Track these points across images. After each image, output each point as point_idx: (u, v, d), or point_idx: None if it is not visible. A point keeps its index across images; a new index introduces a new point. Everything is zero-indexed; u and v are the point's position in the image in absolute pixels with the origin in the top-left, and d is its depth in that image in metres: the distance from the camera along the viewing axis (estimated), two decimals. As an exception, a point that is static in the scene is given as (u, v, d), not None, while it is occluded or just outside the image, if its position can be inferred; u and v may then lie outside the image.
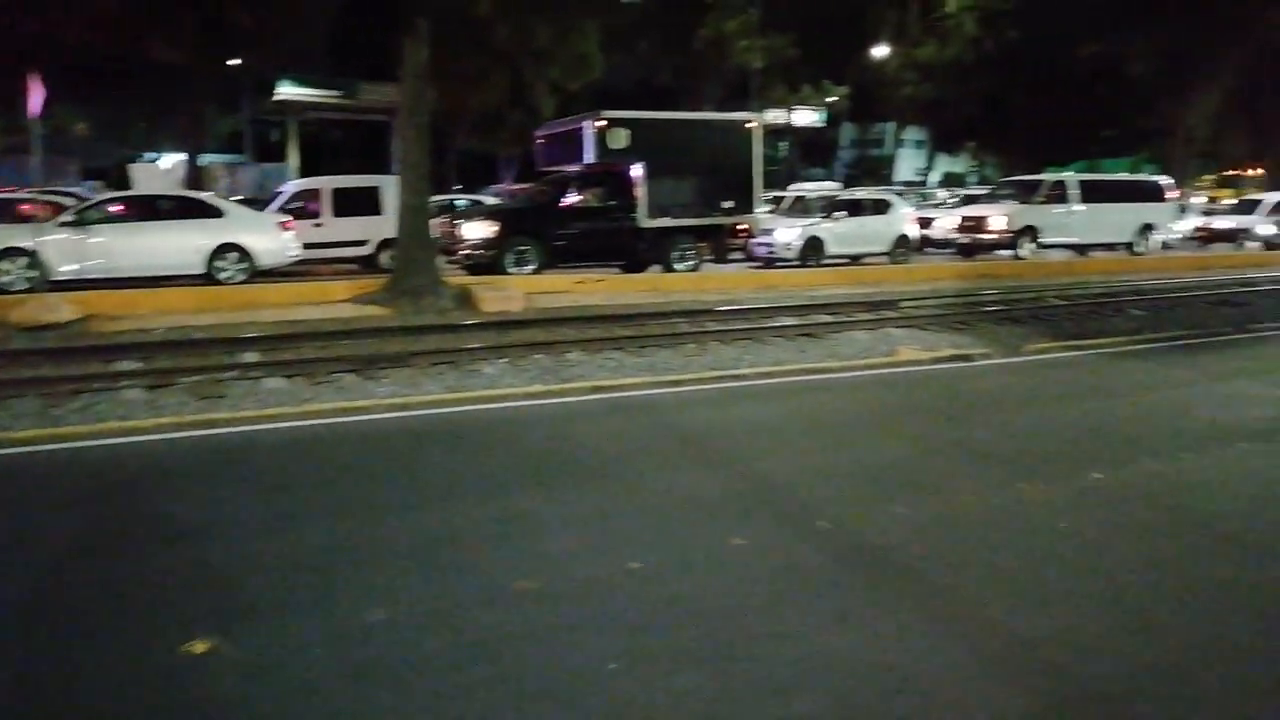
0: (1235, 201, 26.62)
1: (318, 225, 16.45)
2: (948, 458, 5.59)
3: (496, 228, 15.53)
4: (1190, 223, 25.88)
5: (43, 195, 15.48)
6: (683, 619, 3.43)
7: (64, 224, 13.18)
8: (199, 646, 3.19)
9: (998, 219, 20.38)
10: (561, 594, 3.64)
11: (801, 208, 20.38)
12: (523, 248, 15.33)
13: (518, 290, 12.82)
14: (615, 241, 16.14)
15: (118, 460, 5.46)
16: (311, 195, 17.09)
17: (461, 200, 22.75)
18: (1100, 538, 4.26)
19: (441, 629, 3.35)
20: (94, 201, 14.40)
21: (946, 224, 21.66)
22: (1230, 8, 27.85)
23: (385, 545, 4.15)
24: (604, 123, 16.74)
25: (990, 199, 22.82)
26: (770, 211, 19.91)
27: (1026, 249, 20.35)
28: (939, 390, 7.74)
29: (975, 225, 20.71)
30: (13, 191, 17.10)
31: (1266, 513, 4.64)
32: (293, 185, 18.34)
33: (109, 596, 3.63)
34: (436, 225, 14.87)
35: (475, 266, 15.29)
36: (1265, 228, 24.51)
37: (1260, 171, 35.71)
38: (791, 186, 30.01)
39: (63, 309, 10.73)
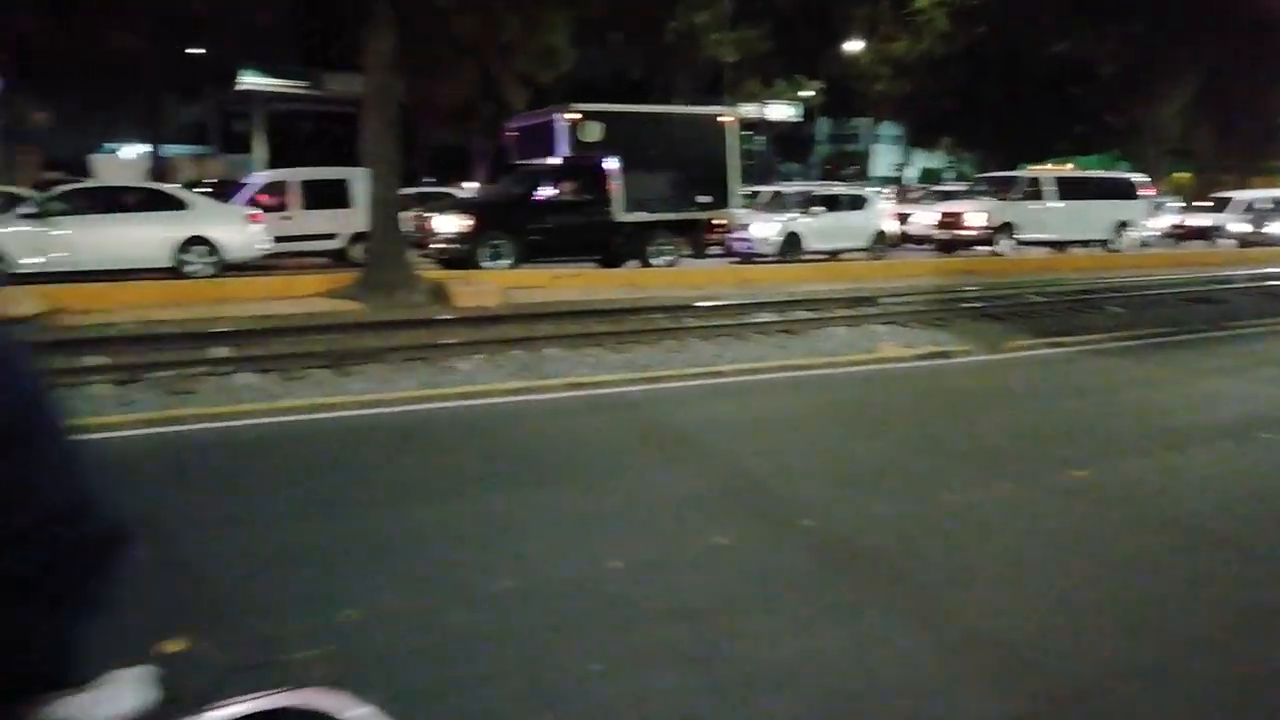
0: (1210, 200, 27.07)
1: (286, 218, 16.20)
2: (929, 455, 5.58)
3: (470, 221, 15.39)
4: (1165, 220, 26.28)
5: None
6: (665, 619, 3.38)
7: (25, 216, 12.86)
8: (173, 646, 3.09)
9: (976, 215, 20.56)
10: (541, 594, 3.58)
11: (779, 203, 20.44)
12: (497, 242, 15.20)
13: (493, 285, 12.71)
14: (591, 236, 16.06)
15: (84, 459, 5.31)
16: (279, 187, 16.83)
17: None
18: (1082, 536, 4.27)
19: (418, 629, 3.28)
20: (56, 193, 14.06)
21: (924, 219, 21.81)
22: (1196, 5, 28.24)
23: (359, 543, 4.06)
24: (576, 116, 16.67)
25: (967, 195, 23.03)
26: (747, 206, 19.94)
27: (1005, 245, 20.55)
28: (920, 387, 7.76)
29: (954, 221, 20.87)
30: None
31: (1245, 510, 4.68)
32: (260, 177, 18.07)
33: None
34: (409, 218, 14.71)
35: (449, 261, 15.14)
36: (1238, 225, 24.94)
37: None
38: (787, 183, 29.96)
39: (25, 303, 10.46)
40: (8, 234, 12.44)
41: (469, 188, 26.39)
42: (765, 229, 18.53)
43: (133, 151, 35.52)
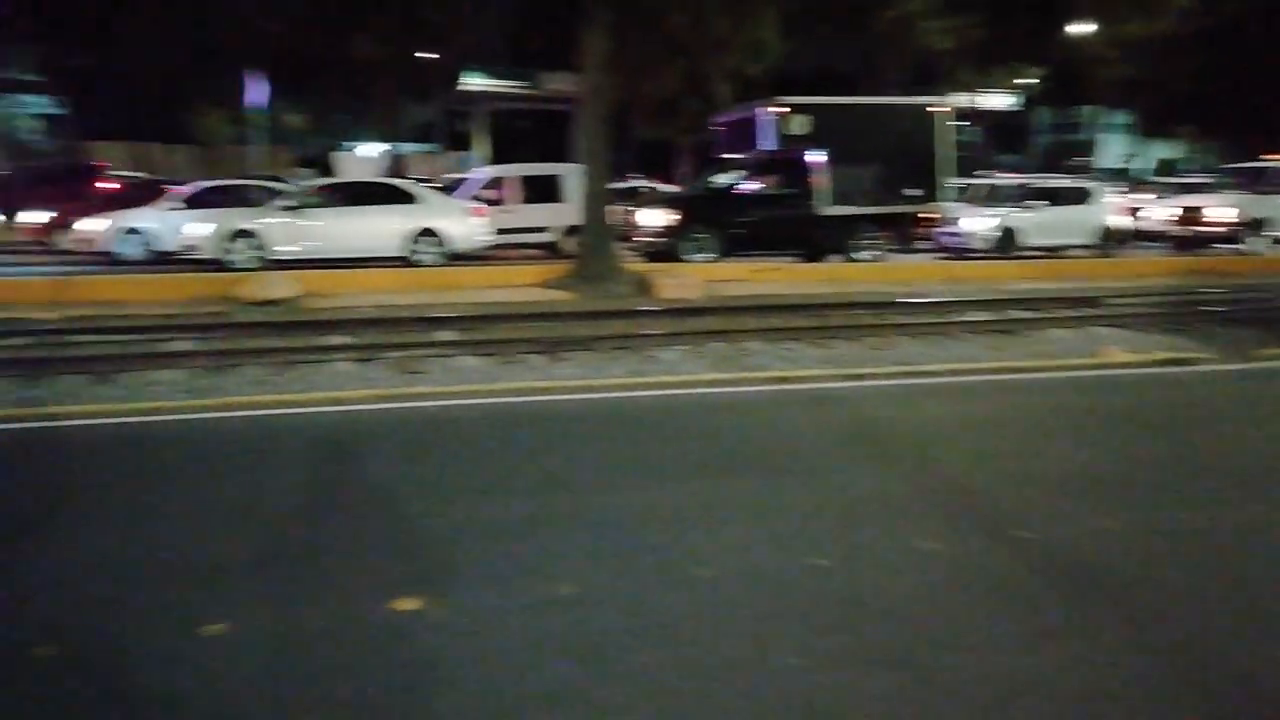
0: None
1: (505, 212, 17.15)
2: (1163, 471, 5.17)
3: (675, 215, 15.66)
4: None
5: (262, 182, 16.93)
6: (866, 620, 3.34)
7: (284, 208, 14.36)
8: (406, 604, 3.40)
9: (1222, 210, 18.63)
10: (744, 584, 3.63)
11: (994, 196, 19.40)
12: (700, 235, 15.39)
13: (696, 278, 12.90)
14: (794, 230, 15.94)
15: (331, 427, 5.89)
16: (499, 183, 17.83)
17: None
18: (1349, 567, 3.82)
19: (624, 608, 3.42)
20: (310, 188, 15.60)
21: (1159, 214, 20.02)
22: None
23: (572, 521, 4.28)
24: (782, 109, 16.56)
25: (1210, 188, 20.91)
26: (959, 200, 19.07)
27: (1256, 243, 18.50)
28: (1153, 396, 7.17)
29: (1195, 216, 19.01)
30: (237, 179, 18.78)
31: None
32: (482, 173, 19.19)
33: (325, 552, 3.92)
34: (616, 212, 15.18)
35: (654, 253, 15.49)
36: None
37: None
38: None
39: (283, 286, 11.70)
40: (269, 224, 13.95)
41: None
42: (978, 223, 17.66)
43: (370, 149, 38.73)
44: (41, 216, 19.58)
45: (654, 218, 15.92)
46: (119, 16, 29.71)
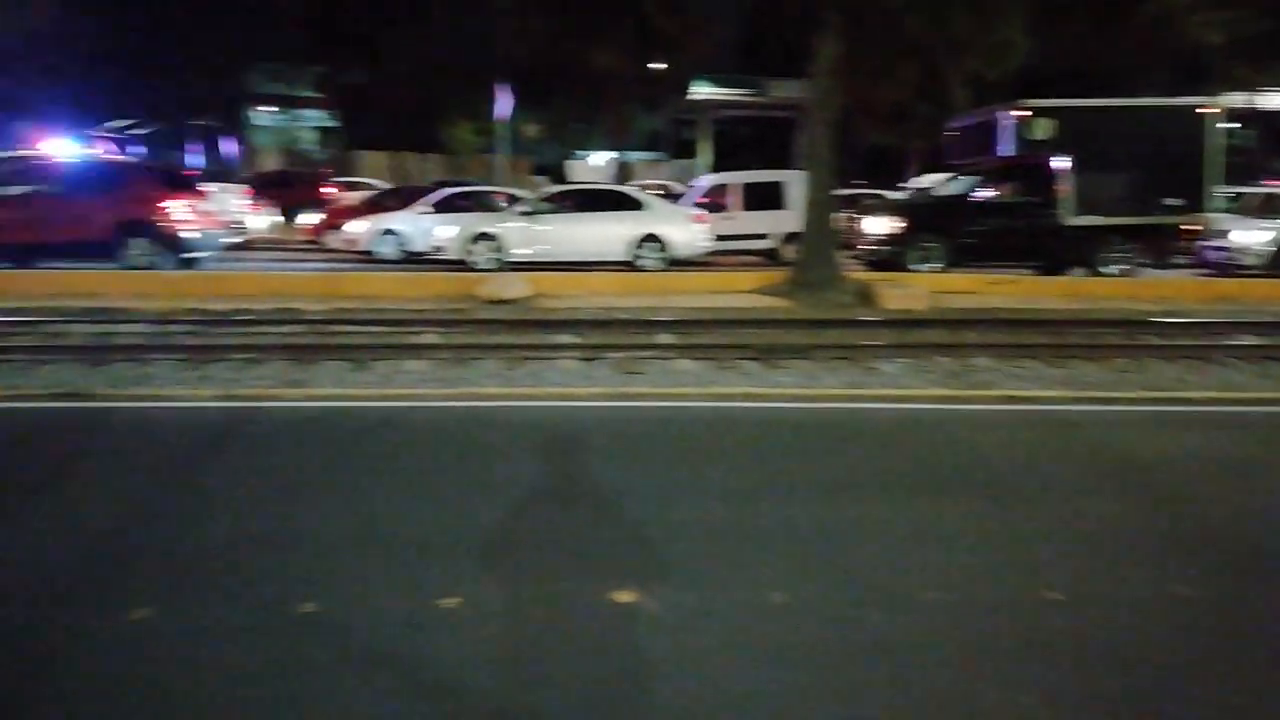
0: None
1: (727, 218, 17.30)
2: None
3: (901, 223, 15.17)
4: None
5: (502, 190, 18.06)
6: (1115, 665, 3.09)
7: (521, 214, 15.26)
8: (624, 596, 3.52)
9: None
10: (968, 611, 3.47)
11: (1271, 206, 17.29)
12: (928, 244, 14.80)
13: (921, 288, 12.42)
14: (1032, 240, 14.97)
15: (558, 421, 6.19)
16: (722, 190, 18.01)
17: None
18: None
19: (837, 622, 3.37)
20: (543, 194, 16.49)
21: None
22: None
23: (786, 531, 4.25)
24: (1024, 112, 15.62)
25: None
26: (1230, 210, 17.14)
27: None
28: None
29: None
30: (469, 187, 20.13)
31: None
32: (706, 180, 19.46)
33: (550, 538, 4.13)
34: (840, 220, 14.92)
35: (877, 262, 15.08)
36: None
37: None
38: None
39: (518, 286, 12.43)
40: (507, 228, 14.87)
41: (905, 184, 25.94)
42: (1251, 237, 15.80)
43: (599, 158, 40.29)
44: (313, 218, 21.96)
45: (879, 225, 15.49)
46: (386, 40, 32.75)
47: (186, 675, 2.92)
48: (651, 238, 15.24)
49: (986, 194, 15.08)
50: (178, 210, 13.81)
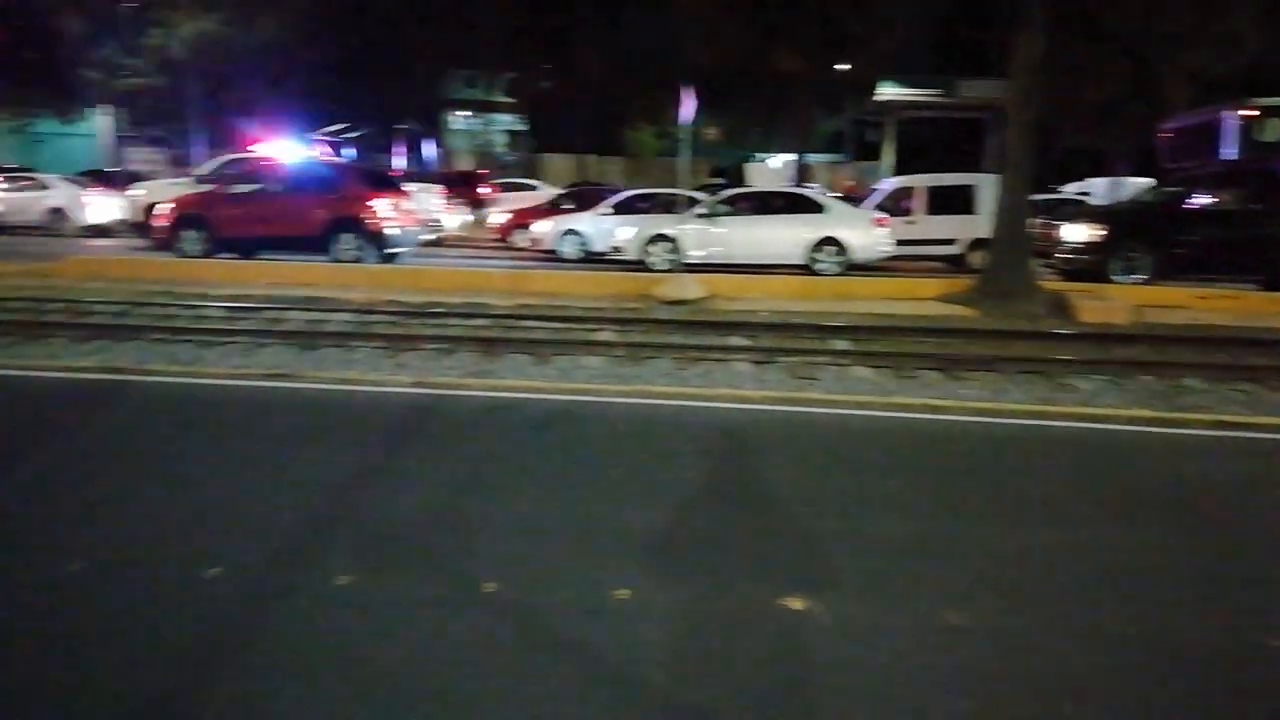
0: None
1: (910, 223, 16.75)
2: None
3: (1103, 231, 14.18)
4: None
5: (682, 193, 18.23)
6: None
7: (698, 216, 15.38)
8: (795, 603, 3.49)
9: None
10: (1173, 651, 3.21)
11: None
12: (1133, 254, 13.76)
13: (1123, 301, 11.57)
14: (1256, 252, 13.62)
15: (730, 423, 6.20)
16: (906, 193, 17.45)
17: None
18: None
19: (1019, 650, 3.20)
20: (721, 196, 16.55)
21: None
22: None
23: (965, 550, 4.08)
24: (1252, 112, 14.24)
25: None
26: None
27: None
28: None
29: None
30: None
31: None
32: (889, 183, 18.91)
33: (721, 539, 4.15)
34: (1034, 226, 14.12)
35: (1074, 272, 14.18)
36: None
37: None
38: None
39: (693, 288, 12.55)
40: (684, 230, 15.02)
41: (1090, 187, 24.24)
42: None
43: (778, 160, 39.97)
44: (502, 217, 23.01)
45: (1078, 232, 14.54)
46: (574, 46, 33.84)
47: (387, 641, 3.14)
48: (830, 241, 14.97)
49: (1204, 200, 13.85)
50: (382, 208, 14.83)
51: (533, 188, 29.51)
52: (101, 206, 22.10)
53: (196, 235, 15.02)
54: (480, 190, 22.13)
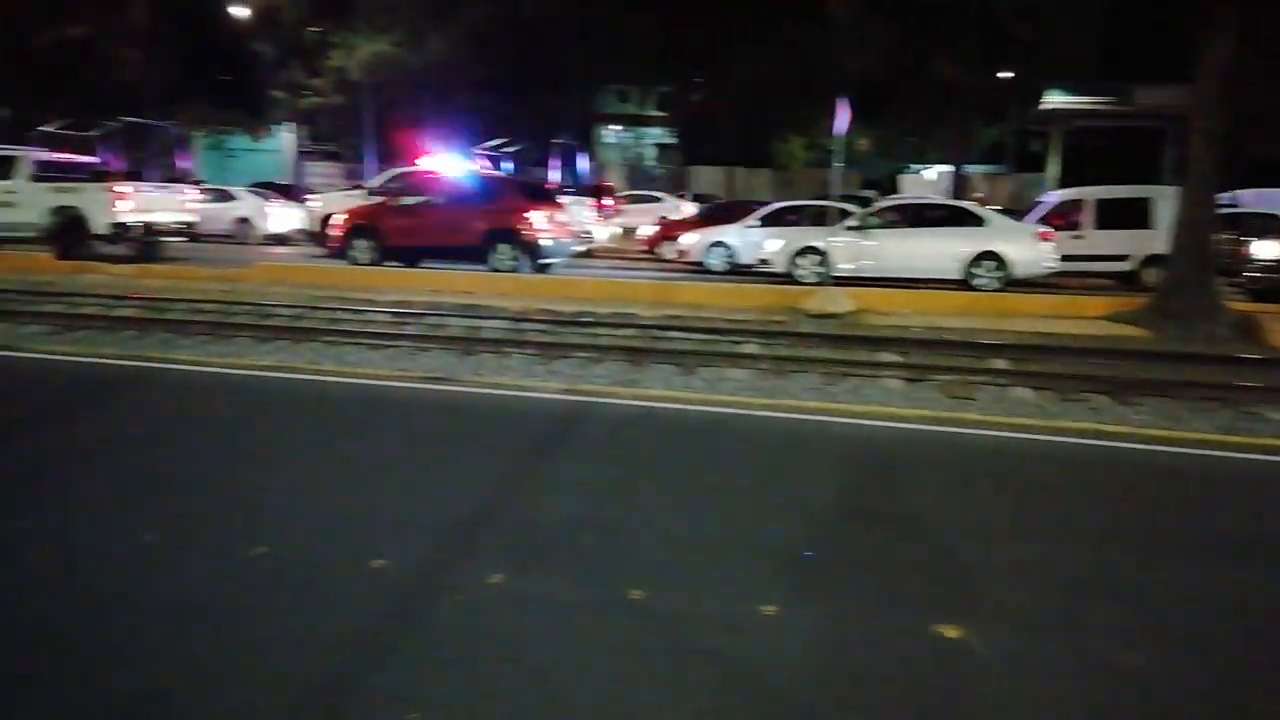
0: None
1: (1078, 237, 15.87)
2: None
3: (1300, 247, 13.01)
4: None
5: (833, 205, 17.96)
6: None
7: (849, 228, 15.09)
8: (950, 631, 3.36)
9: None
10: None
11: None
12: (1335, 273, 12.56)
13: (1323, 324, 10.56)
14: None
15: (878, 441, 6.05)
16: (1074, 206, 16.55)
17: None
18: None
19: (1204, 696, 2.97)
20: (873, 209, 16.18)
21: None
22: None
23: (1137, 588, 3.83)
24: None
25: None
26: None
27: None
28: None
29: None
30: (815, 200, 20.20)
31: None
32: (1056, 196, 18.00)
33: (870, 560, 4.05)
34: (1219, 241, 13.10)
35: (1264, 291, 13.06)
36: None
37: None
38: None
39: (842, 301, 12.32)
40: (834, 243, 14.77)
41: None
42: None
43: (933, 172, 38.72)
44: (649, 230, 23.30)
45: (1269, 249, 13.39)
46: (725, 59, 33.95)
47: (539, 640, 3.24)
48: (989, 255, 14.37)
49: None
50: (538, 220, 15.32)
51: (658, 200, 29.80)
52: (281, 217, 23.85)
53: (367, 245, 15.96)
54: (604, 202, 22.49)
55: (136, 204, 16.14)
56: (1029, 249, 14.44)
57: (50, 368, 7.68)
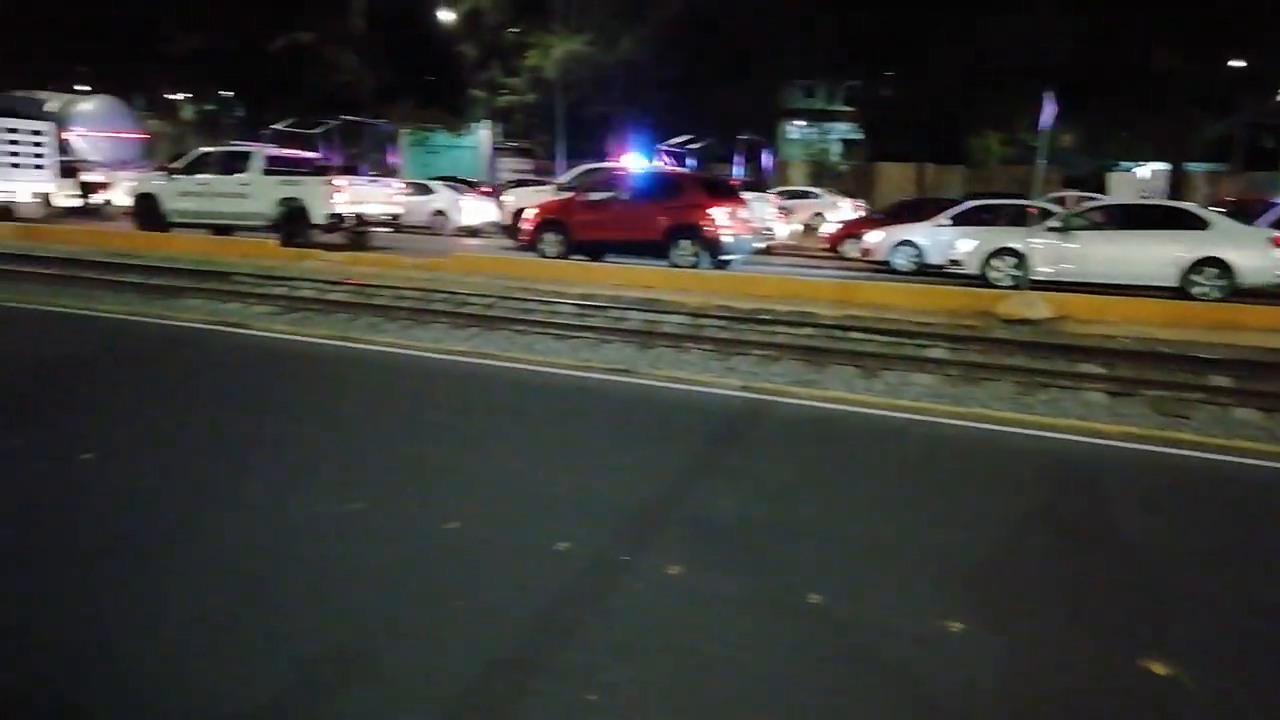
0: None
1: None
2: None
3: None
4: None
5: (1033, 204, 16.94)
6: None
7: (1050, 229, 14.20)
8: (1158, 668, 3.11)
9: None
10: None
11: None
12: None
13: None
14: None
15: (1078, 458, 5.66)
16: (1317, 208, 14.84)
17: None
18: None
19: None
20: (1078, 209, 15.14)
21: None
22: None
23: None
24: None
25: None
26: None
27: None
28: None
29: None
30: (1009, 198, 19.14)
31: None
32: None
33: (1062, 584, 3.80)
34: None
35: None
36: None
37: None
38: None
39: (1040, 306, 11.61)
40: (1033, 244, 13.94)
41: None
42: None
43: (1146, 169, 35.77)
44: (831, 227, 22.83)
45: None
46: (922, 53, 32.72)
47: (714, 636, 3.25)
48: (1212, 261, 13.11)
49: None
50: (719, 216, 15.34)
51: (816, 196, 29.01)
52: (475, 209, 25.08)
53: (555, 238, 16.53)
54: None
55: (351, 196, 17.44)
56: (1261, 256, 13.07)
57: (271, 346, 8.44)
